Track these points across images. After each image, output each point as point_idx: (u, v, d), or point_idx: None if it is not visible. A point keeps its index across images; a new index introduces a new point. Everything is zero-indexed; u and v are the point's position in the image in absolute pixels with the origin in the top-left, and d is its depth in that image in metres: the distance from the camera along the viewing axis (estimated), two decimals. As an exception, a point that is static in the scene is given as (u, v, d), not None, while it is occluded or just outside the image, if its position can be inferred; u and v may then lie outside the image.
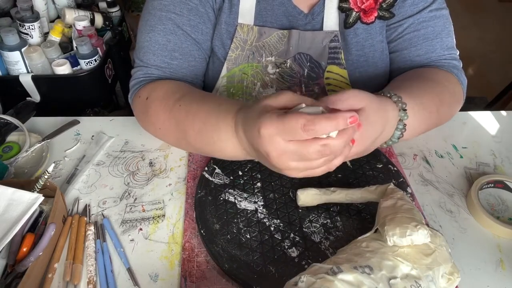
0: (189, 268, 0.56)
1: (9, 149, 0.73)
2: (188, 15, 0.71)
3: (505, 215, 0.66)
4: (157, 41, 0.70)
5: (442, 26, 0.75)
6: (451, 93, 0.72)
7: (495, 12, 2.81)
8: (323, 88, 0.80)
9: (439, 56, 0.76)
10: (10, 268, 0.52)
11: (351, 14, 0.75)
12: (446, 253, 0.49)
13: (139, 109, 0.71)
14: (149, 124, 0.70)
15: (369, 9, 0.75)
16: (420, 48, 0.75)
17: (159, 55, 0.70)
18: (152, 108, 0.67)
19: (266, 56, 0.78)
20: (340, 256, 0.47)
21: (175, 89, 0.67)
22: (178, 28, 0.70)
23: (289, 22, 0.76)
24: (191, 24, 0.71)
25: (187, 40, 0.71)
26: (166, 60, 0.71)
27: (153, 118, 0.67)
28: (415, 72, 0.75)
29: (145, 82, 0.71)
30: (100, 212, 0.64)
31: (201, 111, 0.61)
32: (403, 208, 0.52)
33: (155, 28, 0.70)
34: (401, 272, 0.44)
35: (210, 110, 0.59)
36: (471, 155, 0.78)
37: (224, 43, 0.77)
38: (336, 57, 0.77)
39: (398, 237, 0.47)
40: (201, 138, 0.60)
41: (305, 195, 0.62)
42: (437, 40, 0.75)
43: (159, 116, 0.66)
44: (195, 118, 0.61)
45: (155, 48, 0.70)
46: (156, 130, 0.69)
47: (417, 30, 0.75)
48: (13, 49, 1.13)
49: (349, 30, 0.76)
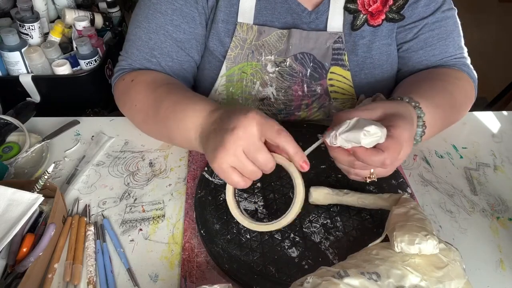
0: (189, 269, 0.56)
1: (9, 150, 0.73)
2: (171, 15, 0.73)
3: (505, 215, 0.66)
4: (140, 37, 0.75)
5: (453, 25, 0.77)
6: (462, 91, 0.74)
7: (495, 12, 2.81)
8: (325, 89, 0.80)
9: (452, 56, 0.78)
10: (10, 268, 0.52)
11: (358, 16, 0.75)
12: (460, 268, 0.48)
13: (120, 89, 0.75)
14: (127, 101, 0.73)
15: (376, 12, 0.75)
16: (435, 48, 0.77)
17: (141, 51, 0.75)
18: (135, 87, 0.72)
19: (265, 55, 0.78)
20: (349, 261, 0.47)
21: (161, 78, 0.73)
22: (160, 28, 0.74)
23: (292, 19, 0.76)
24: (173, 24, 0.74)
25: (166, 40, 0.74)
26: (146, 57, 0.75)
27: (132, 95, 0.71)
28: (422, 74, 0.77)
29: (129, 70, 0.76)
30: (100, 212, 0.64)
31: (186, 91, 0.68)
32: (414, 217, 0.52)
33: (141, 25, 0.74)
34: (410, 282, 0.44)
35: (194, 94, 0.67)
36: (471, 155, 0.78)
37: (222, 42, 0.77)
38: (340, 59, 0.77)
39: (406, 244, 0.47)
40: (173, 109, 0.64)
41: (318, 193, 0.62)
42: (449, 39, 0.77)
43: (140, 94, 0.70)
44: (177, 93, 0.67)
45: (138, 43, 0.75)
46: (131, 106, 0.72)
47: (432, 30, 0.76)
48: (13, 50, 1.13)
49: (356, 32, 0.77)
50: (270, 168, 0.53)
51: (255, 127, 0.51)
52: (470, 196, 0.69)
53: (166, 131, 0.67)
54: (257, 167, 0.53)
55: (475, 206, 0.68)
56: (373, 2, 0.75)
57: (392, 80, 0.83)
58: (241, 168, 0.52)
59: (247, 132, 0.51)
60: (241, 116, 0.52)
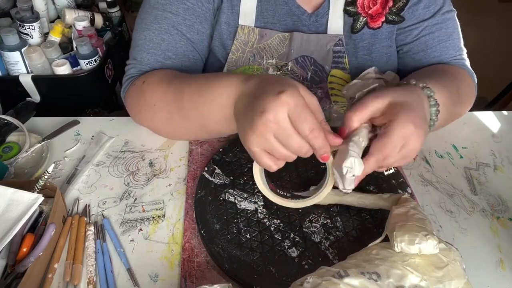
0: (189, 268, 0.56)
1: (9, 149, 0.73)
2: (184, 15, 0.70)
3: (505, 215, 0.66)
4: (151, 40, 0.70)
5: (452, 27, 0.77)
6: (466, 83, 0.75)
7: (495, 12, 2.81)
8: (326, 92, 0.80)
9: (452, 57, 0.78)
10: (10, 268, 0.52)
11: (358, 19, 0.75)
12: (460, 268, 0.48)
13: (133, 94, 0.70)
14: (143, 104, 0.68)
15: (376, 14, 0.75)
16: (435, 50, 0.77)
17: (153, 54, 0.70)
18: (149, 87, 0.67)
19: (267, 59, 0.77)
20: (349, 261, 0.47)
21: (172, 72, 0.68)
22: (173, 28, 0.70)
23: (292, 22, 0.76)
24: (186, 24, 0.71)
25: (181, 40, 0.71)
26: (159, 59, 0.71)
27: (148, 97, 0.67)
28: (431, 67, 0.77)
29: (139, 76, 0.71)
30: (100, 212, 0.64)
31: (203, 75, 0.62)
32: (415, 217, 0.52)
33: (150, 27, 0.70)
34: (410, 282, 0.44)
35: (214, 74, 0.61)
36: (471, 155, 0.78)
37: (224, 44, 0.76)
38: (340, 62, 0.77)
39: (406, 244, 0.47)
40: (199, 94, 0.59)
41: None
42: (449, 41, 0.77)
43: (156, 92, 0.66)
44: (196, 78, 0.62)
45: (149, 47, 0.70)
46: (149, 108, 0.67)
47: (432, 33, 0.76)
48: (13, 50, 1.13)
49: (355, 35, 0.76)
50: (305, 153, 0.49)
51: (286, 113, 0.46)
52: (470, 196, 0.69)
53: (198, 120, 0.62)
54: (290, 152, 0.49)
55: (475, 206, 0.68)
56: (373, 4, 0.74)
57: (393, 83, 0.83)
58: (273, 152, 0.49)
59: (277, 117, 0.46)
60: (272, 97, 0.46)
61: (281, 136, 0.47)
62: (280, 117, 0.46)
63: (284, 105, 0.46)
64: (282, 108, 0.46)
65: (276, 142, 0.48)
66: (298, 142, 0.48)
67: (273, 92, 0.47)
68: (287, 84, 0.48)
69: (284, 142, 0.48)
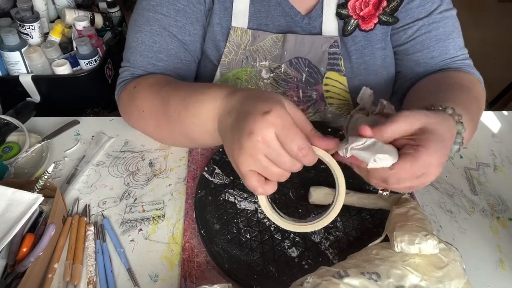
0: (189, 268, 0.56)
1: (9, 149, 0.73)
2: (175, 16, 0.70)
3: (505, 215, 0.66)
4: (143, 42, 0.70)
5: (452, 26, 0.74)
6: (480, 99, 0.71)
7: (495, 12, 2.81)
8: (321, 94, 0.79)
9: (453, 57, 0.75)
10: (10, 268, 0.52)
11: (349, 22, 0.74)
12: (460, 268, 0.48)
13: (125, 99, 0.71)
14: (134, 109, 0.69)
15: (368, 16, 0.73)
16: (433, 49, 0.74)
17: (146, 56, 0.71)
18: (139, 93, 0.67)
19: (260, 61, 0.76)
20: (349, 261, 0.47)
21: (164, 78, 0.68)
22: (164, 29, 0.70)
23: (286, 23, 0.75)
24: (178, 25, 0.71)
25: (173, 42, 0.71)
26: (152, 61, 0.71)
27: (139, 102, 0.67)
28: (445, 79, 0.72)
29: (132, 79, 0.71)
30: (100, 212, 0.64)
31: (191, 84, 0.63)
32: (415, 217, 0.52)
33: (142, 29, 0.71)
34: (410, 282, 0.44)
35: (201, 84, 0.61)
36: (471, 155, 0.78)
37: (217, 45, 0.76)
38: (336, 63, 0.76)
39: (406, 244, 0.47)
40: (183, 105, 0.58)
41: (318, 193, 0.62)
42: (449, 41, 0.74)
43: (145, 99, 0.66)
44: (183, 88, 0.62)
45: (141, 49, 0.71)
46: (140, 114, 0.67)
47: (429, 32, 0.74)
48: (13, 50, 1.13)
49: (348, 38, 0.75)
50: (297, 169, 0.48)
51: (274, 133, 0.45)
52: (470, 196, 0.69)
53: (184, 131, 0.61)
54: (282, 169, 0.47)
55: (475, 206, 0.68)
56: (365, 6, 0.73)
57: (389, 85, 0.81)
58: (265, 171, 0.47)
59: (265, 138, 0.45)
60: (258, 118, 0.45)
61: (271, 156, 0.46)
62: (268, 137, 0.45)
63: (270, 126, 0.45)
64: (268, 129, 0.45)
65: (267, 161, 0.46)
66: (289, 159, 0.47)
67: (258, 112, 0.46)
68: (272, 101, 0.47)
69: (276, 161, 0.47)
